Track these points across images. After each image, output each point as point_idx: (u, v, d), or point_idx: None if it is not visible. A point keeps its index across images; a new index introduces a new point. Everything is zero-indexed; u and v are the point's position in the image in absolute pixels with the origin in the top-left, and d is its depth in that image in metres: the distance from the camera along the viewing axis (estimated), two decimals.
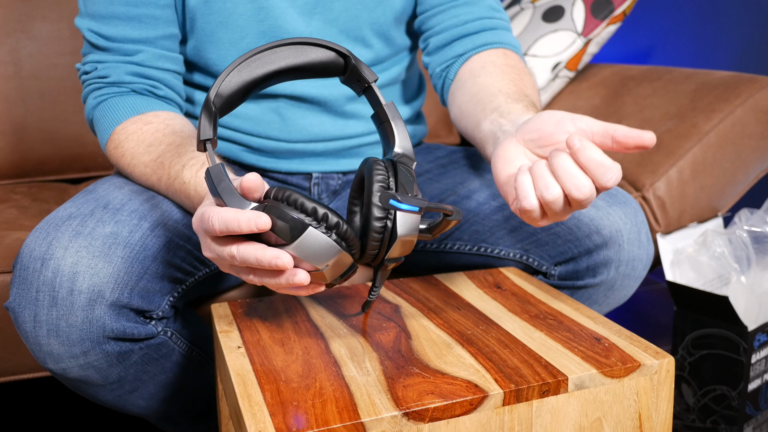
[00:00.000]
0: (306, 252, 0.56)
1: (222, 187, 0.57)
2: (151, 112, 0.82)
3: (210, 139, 0.60)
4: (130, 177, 0.82)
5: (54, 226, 0.72)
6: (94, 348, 0.71)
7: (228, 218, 0.56)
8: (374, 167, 0.62)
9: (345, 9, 0.89)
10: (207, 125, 0.59)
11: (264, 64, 0.62)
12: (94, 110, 0.85)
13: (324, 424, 0.51)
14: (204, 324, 0.88)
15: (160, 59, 0.85)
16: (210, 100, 0.60)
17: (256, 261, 0.56)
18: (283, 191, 0.57)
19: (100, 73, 0.84)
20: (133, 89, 0.84)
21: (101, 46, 0.84)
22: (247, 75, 0.61)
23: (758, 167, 1.26)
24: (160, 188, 0.78)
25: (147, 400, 0.83)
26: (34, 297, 0.69)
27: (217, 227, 0.56)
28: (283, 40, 0.63)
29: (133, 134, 0.80)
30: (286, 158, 0.93)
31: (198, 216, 0.60)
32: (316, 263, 0.57)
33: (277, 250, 0.56)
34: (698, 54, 1.74)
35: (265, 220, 0.55)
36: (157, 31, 0.84)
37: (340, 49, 0.64)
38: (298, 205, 0.57)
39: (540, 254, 0.86)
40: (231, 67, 0.61)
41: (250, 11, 0.86)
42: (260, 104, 0.90)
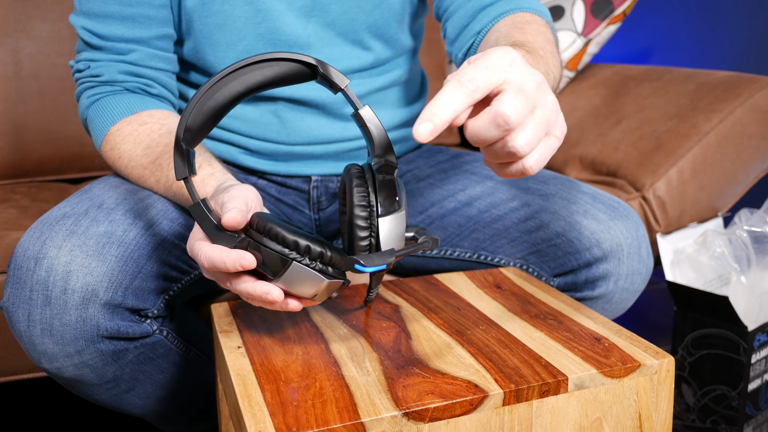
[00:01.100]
0: (293, 284, 0.58)
1: (205, 226, 0.59)
2: (145, 112, 0.82)
3: (186, 177, 0.60)
4: (127, 178, 0.83)
5: (48, 225, 0.72)
6: (89, 347, 0.71)
7: (214, 258, 0.58)
8: (355, 182, 0.60)
9: (342, 12, 0.89)
10: (181, 164, 0.60)
11: (228, 88, 0.60)
12: (87, 110, 0.85)
13: (324, 424, 0.51)
14: (201, 324, 0.88)
15: (153, 59, 0.85)
16: (179, 138, 0.59)
17: (248, 295, 0.59)
18: (264, 223, 0.58)
19: (93, 71, 0.84)
20: (126, 88, 0.84)
21: (95, 45, 0.84)
22: (213, 103, 0.60)
23: (758, 167, 1.26)
24: (158, 190, 0.78)
25: (144, 399, 0.82)
26: (27, 296, 0.69)
27: (206, 265, 0.59)
28: (245, 60, 0.60)
29: (129, 136, 0.80)
30: (285, 161, 0.93)
31: (190, 248, 0.62)
32: (305, 293, 0.59)
33: (267, 285, 0.58)
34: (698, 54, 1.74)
35: (249, 261, 0.57)
36: (151, 31, 0.84)
37: (307, 59, 0.61)
38: (280, 239, 0.57)
39: (539, 265, 0.86)
40: (195, 99, 0.59)
41: (248, 14, 0.86)
42: (259, 107, 0.90)
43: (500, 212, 0.88)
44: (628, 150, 1.24)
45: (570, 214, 0.84)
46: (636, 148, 1.23)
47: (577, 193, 0.87)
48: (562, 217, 0.84)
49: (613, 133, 1.30)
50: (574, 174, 1.32)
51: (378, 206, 0.59)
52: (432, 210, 0.93)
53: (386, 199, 0.59)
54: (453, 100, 0.49)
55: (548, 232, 0.84)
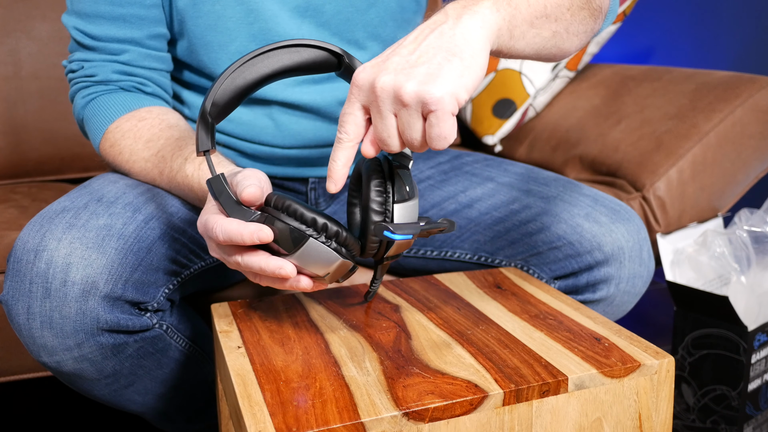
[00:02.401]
0: (307, 261, 0.59)
1: (223, 199, 0.60)
2: (143, 108, 0.82)
3: (207, 150, 0.62)
4: (129, 173, 0.83)
5: (47, 218, 0.72)
6: (88, 340, 0.71)
7: (231, 231, 0.58)
8: (372, 171, 0.62)
9: (336, 11, 0.88)
10: (205, 136, 0.61)
11: (257, 68, 0.62)
12: (83, 110, 0.85)
13: (324, 424, 0.51)
14: (201, 321, 0.88)
15: (146, 59, 0.85)
16: (206, 111, 0.61)
17: (260, 270, 0.59)
18: (282, 200, 0.59)
19: (87, 71, 0.84)
20: (121, 87, 0.84)
21: (87, 45, 0.84)
22: (241, 81, 0.62)
23: (758, 167, 1.26)
24: (161, 182, 0.79)
25: (143, 395, 0.82)
26: (27, 289, 0.69)
27: (221, 238, 0.59)
28: (277, 43, 0.63)
29: (129, 131, 0.80)
30: (281, 164, 0.93)
31: (202, 222, 0.62)
32: (317, 271, 0.60)
33: (280, 260, 0.59)
34: (698, 54, 1.74)
35: (267, 233, 0.58)
36: (143, 31, 0.84)
37: (335, 49, 0.64)
38: (298, 216, 0.58)
39: (540, 267, 0.86)
40: (225, 76, 0.61)
41: (240, 14, 0.85)
42: (253, 110, 0.90)
43: (501, 214, 0.88)
44: (628, 150, 1.24)
45: (571, 217, 0.84)
46: (636, 148, 1.23)
47: (579, 196, 0.87)
48: (564, 219, 0.84)
49: (613, 133, 1.30)
50: (574, 174, 1.32)
51: (393, 193, 0.61)
52: (432, 212, 0.93)
53: (401, 187, 0.62)
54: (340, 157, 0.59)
55: (549, 235, 0.84)
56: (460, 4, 0.60)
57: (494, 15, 0.58)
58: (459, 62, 0.55)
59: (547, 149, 1.41)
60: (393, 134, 0.57)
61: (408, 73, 0.56)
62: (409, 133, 0.56)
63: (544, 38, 0.65)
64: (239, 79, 0.62)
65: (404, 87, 0.55)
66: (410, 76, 0.55)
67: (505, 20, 0.59)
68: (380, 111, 0.57)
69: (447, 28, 0.57)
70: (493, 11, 0.59)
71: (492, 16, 0.58)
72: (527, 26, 0.62)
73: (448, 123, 0.55)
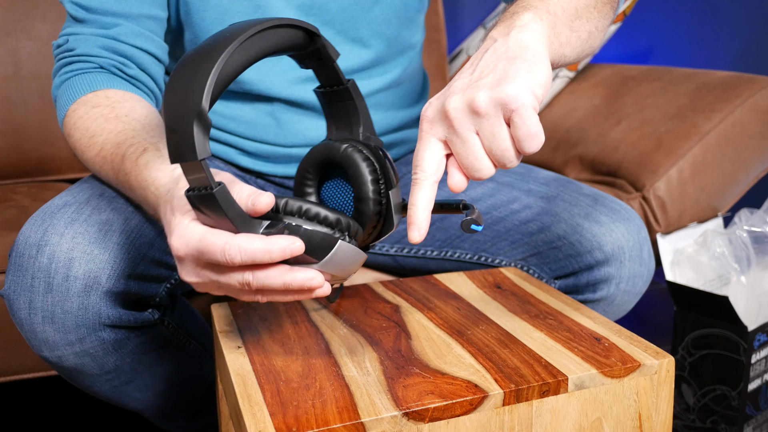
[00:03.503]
0: (336, 266, 0.54)
1: (233, 213, 0.51)
2: (102, 91, 0.75)
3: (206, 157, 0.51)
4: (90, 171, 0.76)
5: (50, 213, 0.71)
6: (90, 335, 0.71)
7: (256, 250, 0.50)
8: (361, 159, 0.60)
9: (341, 9, 0.88)
10: (203, 142, 0.51)
11: (240, 57, 0.54)
12: (57, 90, 0.79)
13: (324, 424, 0.51)
14: (201, 318, 0.88)
15: (138, 37, 0.80)
16: (204, 111, 0.50)
17: (284, 286, 0.52)
18: (294, 203, 0.53)
19: (70, 45, 0.79)
20: (101, 65, 0.78)
21: (79, 18, 0.80)
22: (225, 74, 0.53)
23: (758, 167, 1.26)
24: (115, 185, 0.72)
25: (143, 392, 0.82)
26: (29, 283, 0.69)
27: (239, 260, 0.50)
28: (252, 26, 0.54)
29: (79, 120, 0.74)
30: (282, 163, 0.93)
31: (194, 244, 0.52)
32: (343, 273, 0.55)
33: (309, 270, 0.52)
34: (698, 54, 1.74)
35: (300, 246, 0.51)
36: (141, 8, 0.80)
37: (309, 27, 0.59)
38: (322, 219, 0.53)
39: (540, 267, 0.86)
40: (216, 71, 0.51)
41: (247, 9, 0.85)
42: (255, 108, 0.90)
43: (501, 214, 0.88)
44: (628, 150, 1.24)
45: (571, 217, 0.84)
46: (636, 148, 1.23)
47: (579, 196, 0.87)
48: (564, 219, 0.84)
49: (613, 133, 1.30)
50: (574, 174, 1.32)
51: (387, 181, 0.60)
52: None
53: (389, 173, 0.60)
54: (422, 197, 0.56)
55: (549, 235, 0.84)
56: (502, 27, 0.59)
57: (539, 24, 0.58)
58: (523, 62, 0.54)
59: (547, 149, 1.41)
60: (480, 155, 0.54)
61: (476, 86, 0.54)
62: (497, 145, 0.53)
63: (582, 40, 0.65)
64: (225, 69, 0.53)
65: (477, 98, 0.53)
66: (479, 87, 0.53)
67: (549, 27, 0.59)
68: (460, 134, 0.54)
69: (499, 45, 0.56)
70: (537, 21, 0.58)
71: (538, 26, 0.57)
72: (568, 31, 0.62)
73: (533, 119, 0.52)
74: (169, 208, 0.56)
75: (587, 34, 0.65)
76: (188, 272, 0.54)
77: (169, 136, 0.51)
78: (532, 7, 0.60)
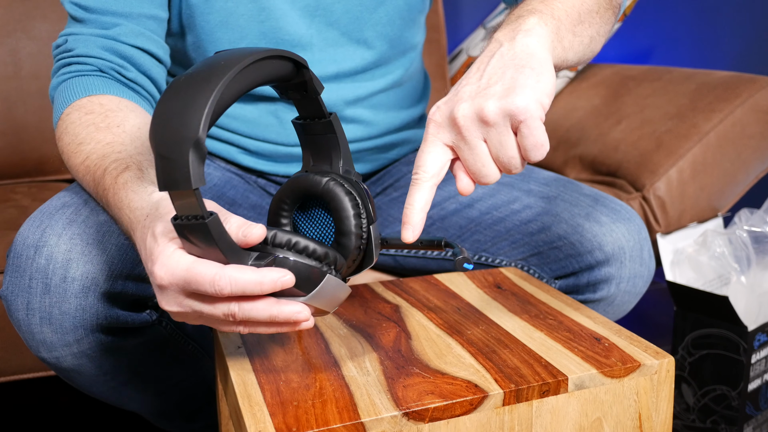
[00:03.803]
0: (324, 299, 0.54)
1: (224, 243, 0.50)
2: (98, 96, 0.74)
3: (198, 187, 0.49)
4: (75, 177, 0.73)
5: (48, 214, 0.71)
6: (88, 336, 0.71)
7: (246, 283, 0.49)
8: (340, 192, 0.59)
9: (346, 10, 0.88)
10: (198, 171, 0.48)
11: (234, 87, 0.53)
12: (54, 90, 0.78)
13: (324, 424, 0.51)
14: None
15: (138, 37, 0.79)
16: (201, 140, 0.48)
17: (270, 318, 0.51)
18: (283, 236, 0.52)
19: (68, 45, 0.78)
20: (99, 67, 0.77)
21: (79, 18, 0.79)
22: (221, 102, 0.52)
23: (758, 167, 1.26)
24: (92, 195, 0.71)
25: (142, 393, 0.82)
26: (27, 284, 0.69)
27: (229, 291, 0.49)
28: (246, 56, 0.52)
29: (71, 125, 0.72)
30: (284, 162, 0.93)
31: (180, 274, 0.50)
32: (328, 307, 0.55)
33: (296, 304, 0.51)
34: (698, 54, 1.74)
35: (291, 279, 0.50)
36: (141, 7, 0.79)
37: (298, 59, 0.57)
38: (311, 252, 0.53)
39: (541, 267, 0.86)
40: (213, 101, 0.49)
41: (251, 11, 0.85)
42: (258, 107, 0.90)
43: (501, 214, 0.88)
44: (628, 150, 1.24)
45: (572, 217, 0.84)
46: (636, 148, 1.23)
47: (579, 196, 0.87)
48: (564, 219, 0.84)
49: (613, 133, 1.30)
50: (574, 174, 1.32)
51: (368, 216, 0.59)
52: (433, 211, 0.93)
53: (369, 208, 0.60)
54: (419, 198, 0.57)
55: (550, 235, 0.84)
56: (507, 30, 0.59)
57: (544, 29, 0.58)
58: (530, 71, 0.55)
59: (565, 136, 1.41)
60: (488, 162, 0.55)
61: (485, 94, 0.55)
62: (504, 153, 0.55)
63: (584, 45, 0.65)
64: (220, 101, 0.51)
65: (486, 107, 0.54)
66: (488, 96, 0.54)
67: (553, 32, 0.59)
68: (468, 141, 0.55)
69: (505, 50, 0.57)
70: (542, 25, 0.58)
71: (542, 30, 0.58)
72: (571, 35, 0.62)
73: (540, 129, 0.54)
74: (150, 234, 0.53)
75: (589, 39, 0.66)
76: (169, 301, 0.52)
77: (159, 162, 0.49)
78: (537, 11, 0.60)
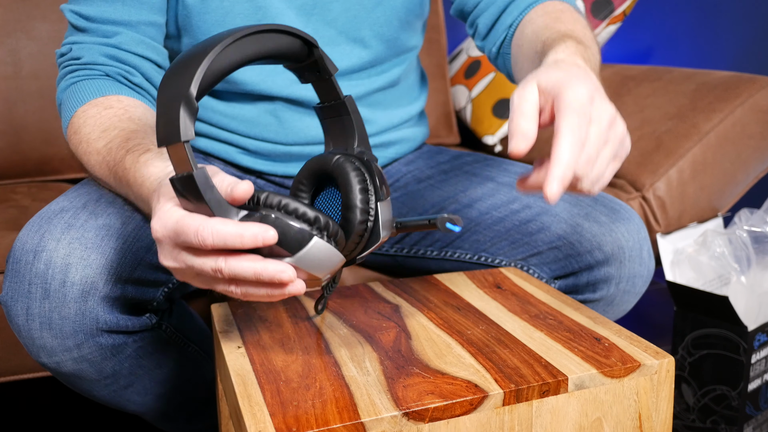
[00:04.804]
0: (310, 263, 0.54)
1: (211, 196, 0.52)
2: (114, 96, 0.77)
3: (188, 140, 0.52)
4: (86, 167, 0.76)
5: (46, 219, 0.71)
6: (88, 340, 0.71)
7: (227, 233, 0.50)
8: (351, 169, 0.60)
9: (344, 10, 0.89)
10: (188, 125, 0.52)
11: (234, 52, 0.56)
12: (62, 93, 0.81)
13: (324, 424, 0.51)
14: (200, 320, 0.88)
15: (139, 45, 0.81)
16: (191, 95, 0.52)
17: (255, 275, 0.52)
18: (274, 197, 0.54)
19: (74, 53, 0.80)
20: (107, 73, 0.79)
21: (80, 27, 0.81)
22: (218, 66, 0.55)
23: (758, 167, 1.26)
24: (109, 180, 0.72)
25: (143, 395, 0.82)
26: (26, 290, 0.69)
27: (211, 242, 0.51)
28: (248, 28, 0.56)
29: (90, 118, 0.74)
30: (283, 161, 0.93)
31: (171, 226, 0.53)
32: (318, 273, 0.55)
33: (281, 263, 0.52)
34: (698, 54, 1.74)
35: (273, 235, 0.51)
36: (140, 15, 0.81)
37: (307, 37, 0.60)
38: (300, 214, 0.53)
39: (540, 267, 0.86)
40: (207, 61, 0.53)
41: (248, 11, 0.85)
42: (257, 106, 0.90)
43: (501, 214, 0.88)
44: None
45: (571, 217, 0.84)
46: (636, 148, 1.23)
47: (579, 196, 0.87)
48: (564, 219, 0.84)
49: None
50: None
51: (376, 192, 0.60)
52: (433, 212, 0.93)
53: (381, 185, 0.60)
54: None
55: (549, 235, 0.84)
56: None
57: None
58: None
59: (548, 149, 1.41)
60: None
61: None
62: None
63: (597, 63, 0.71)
64: (215, 64, 0.54)
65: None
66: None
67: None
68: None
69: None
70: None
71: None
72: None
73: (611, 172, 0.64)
74: (156, 195, 0.57)
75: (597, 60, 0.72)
76: (166, 255, 0.55)
77: (157, 121, 0.53)
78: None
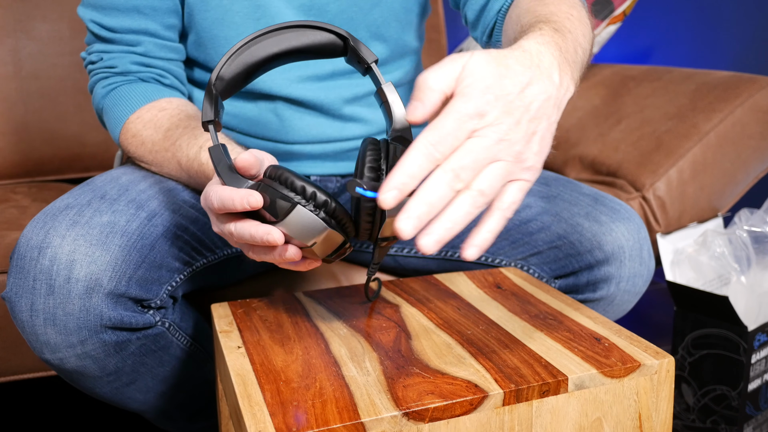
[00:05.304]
0: (294, 229, 0.59)
1: (221, 167, 0.61)
2: (163, 99, 0.83)
3: (212, 120, 0.62)
4: (150, 165, 0.83)
5: (51, 216, 0.72)
6: (92, 337, 0.71)
7: (224, 196, 0.59)
8: (368, 149, 0.62)
9: (340, 11, 0.89)
10: (208, 108, 0.62)
11: (265, 47, 0.64)
12: (104, 99, 0.86)
13: (324, 424, 0.51)
14: (202, 319, 0.88)
15: (162, 49, 0.86)
16: (211, 82, 0.62)
17: (250, 237, 0.59)
18: (277, 170, 0.60)
19: (107, 63, 0.85)
20: (140, 78, 0.85)
21: (105, 37, 0.85)
22: (248, 57, 0.63)
23: (758, 167, 1.26)
24: (181, 176, 0.80)
25: (144, 393, 0.82)
26: (31, 286, 0.69)
27: (216, 205, 0.60)
28: (283, 23, 0.64)
29: (149, 122, 0.81)
30: (284, 160, 0.93)
31: (203, 194, 0.63)
32: (304, 240, 0.59)
33: (269, 226, 0.59)
34: (698, 54, 1.74)
35: (257, 198, 0.58)
36: (157, 21, 0.85)
37: (339, 31, 0.65)
38: (289, 184, 0.59)
39: (540, 266, 0.86)
40: (232, 51, 0.63)
41: (247, 9, 0.86)
42: (258, 105, 0.90)
43: None
44: (628, 150, 1.24)
45: (571, 216, 0.84)
46: (636, 148, 1.23)
47: (579, 195, 0.87)
48: (564, 219, 0.84)
49: (613, 133, 1.30)
50: (574, 174, 1.32)
51: (387, 169, 0.61)
52: None
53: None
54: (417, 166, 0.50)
55: (549, 234, 0.84)
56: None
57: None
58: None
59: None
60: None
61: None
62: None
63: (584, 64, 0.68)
64: (246, 56, 0.63)
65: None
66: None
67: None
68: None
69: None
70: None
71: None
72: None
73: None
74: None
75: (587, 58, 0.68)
76: (212, 223, 0.64)
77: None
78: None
